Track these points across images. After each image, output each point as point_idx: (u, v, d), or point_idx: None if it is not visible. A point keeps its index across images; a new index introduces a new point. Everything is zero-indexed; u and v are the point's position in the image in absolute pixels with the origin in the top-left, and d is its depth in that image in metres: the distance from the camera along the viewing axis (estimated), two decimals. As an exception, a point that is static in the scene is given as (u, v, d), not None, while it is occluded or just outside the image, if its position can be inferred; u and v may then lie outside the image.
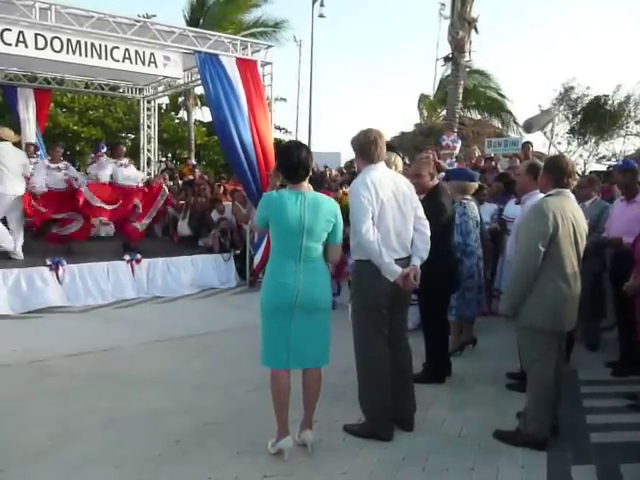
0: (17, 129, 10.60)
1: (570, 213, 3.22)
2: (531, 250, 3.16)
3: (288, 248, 3.03)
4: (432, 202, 4.01)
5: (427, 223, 3.40)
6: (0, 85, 10.87)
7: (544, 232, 3.13)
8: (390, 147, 3.78)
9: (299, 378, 3.15)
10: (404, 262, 3.27)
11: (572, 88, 21.51)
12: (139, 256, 7.26)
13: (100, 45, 6.77)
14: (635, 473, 3.01)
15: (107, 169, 8.28)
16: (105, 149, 8.84)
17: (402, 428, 3.43)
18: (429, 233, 3.38)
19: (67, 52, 6.54)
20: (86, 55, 6.66)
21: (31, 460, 3.05)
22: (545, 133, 14.08)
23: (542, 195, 4.07)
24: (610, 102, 21.43)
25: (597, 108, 21.33)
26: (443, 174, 5.43)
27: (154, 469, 2.98)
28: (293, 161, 3.05)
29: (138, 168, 10.35)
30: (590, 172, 9.36)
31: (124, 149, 8.99)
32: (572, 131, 22.04)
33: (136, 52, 7.04)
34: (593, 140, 22.22)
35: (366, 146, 3.30)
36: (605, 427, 3.58)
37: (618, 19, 43.72)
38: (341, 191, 7.86)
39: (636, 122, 21.60)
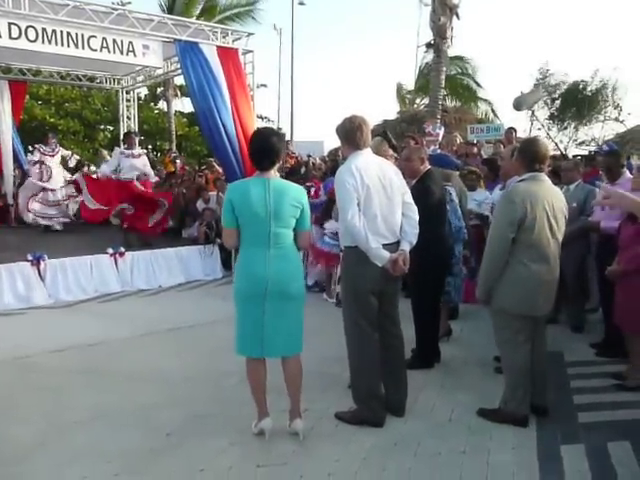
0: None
1: (542, 197, 3.22)
2: (500, 236, 3.24)
3: (256, 235, 3.01)
4: (420, 186, 4.03)
5: (415, 208, 3.40)
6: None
7: (512, 218, 3.18)
8: (387, 139, 3.78)
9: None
10: (393, 247, 3.27)
11: (549, 72, 21.57)
12: (122, 249, 7.16)
13: (77, 34, 6.62)
14: (622, 451, 3.06)
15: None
16: None
17: (393, 414, 3.45)
18: (417, 218, 3.38)
19: (42, 42, 6.39)
20: (62, 44, 6.51)
21: (20, 457, 3.00)
22: (533, 113, 14.14)
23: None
24: (589, 88, 21.59)
25: (576, 93, 21.47)
26: None
27: (146, 463, 2.95)
28: (261, 147, 3.04)
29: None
30: (574, 156, 9.42)
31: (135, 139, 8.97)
32: (552, 117, 22.18)
33: (114, 41, 6.90)
34: (572, 125, 22.38)
35: (351, 132, 3.29)
36: (592, 407, 3.64)
37: (593, 4, 44.02)
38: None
39: (614, 107, 21.80)
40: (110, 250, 7.09)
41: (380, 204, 3.23)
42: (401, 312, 3.58)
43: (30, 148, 16.59)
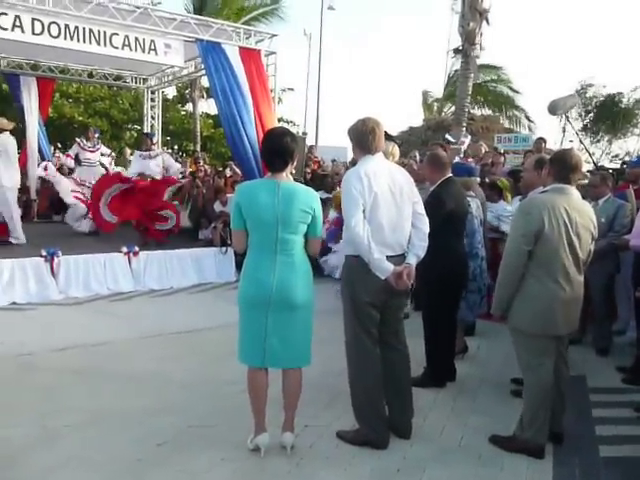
0: (20, 118, 10.54)
1: (564, 210, 2.99)
2: (515, 249, 3.06)
3: (263, 240, 2.86)
4: (433, 195, 3.84)
5: (426, 220, 3.21)
6: (3, 73, 10.77)
7: (527, 230, 3.00)
8: (388, 136, 3.60)
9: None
10: (399, 259, 3.08)
11: (590, 86, 21.06)
12: (136, 248, 7.09)
13: (99, 31, 6.61)
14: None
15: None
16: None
17: (398, 435, 3.24)
18: (427, 230, 3.18)
19: (65, 38, 6.39)
20: (84, 41, 6.51)
21: (7, 463, 2.87)
22: (567, 119, 13.72)
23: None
24: (625, 100, 21.01)
25: (611, 106, 20.92)
26: None
27: (133, 475, 2.81)
28: (272, 147, 2.90)
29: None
30: (599, 167, 9.04)
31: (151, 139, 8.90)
32: (585, 129, 21.64)
33: (136, 39, 6.88)
34: (606, 138, 21.82)
35: (363, 136, 3.11)
36: (615, 439, 3.38)
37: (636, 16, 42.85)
38: (339, 188, 7.67)
39: (650, 121, 21.18)
40: (124, 249, 7.03)
41: (388, 213, 3.04)
42: (413, 327, 3.39)
43: (59, 145, 16.94)
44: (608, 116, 20.89)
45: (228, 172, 10.54)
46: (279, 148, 2.88)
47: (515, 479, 2.90)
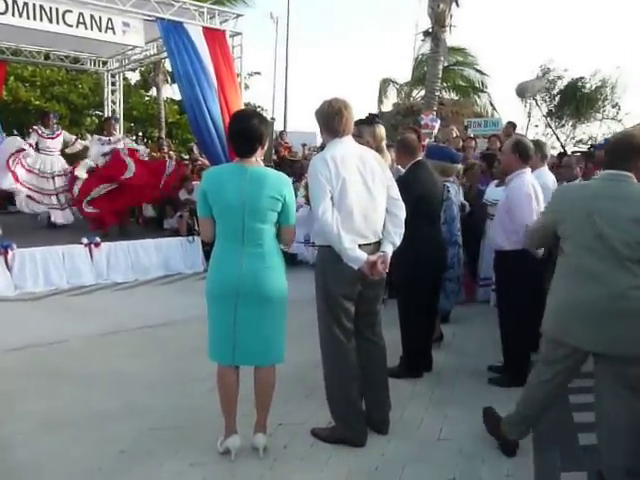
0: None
1: (594, 200, 2.52)
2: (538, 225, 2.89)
3: (230, 229, 2.67)
4: (401, 180, 3.69)
5: (402, 204, 3.04)
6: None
7: (548, 216, 2.78)
8: (373, 117, 3.43)
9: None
10: (373, 248, 2.92)
11: (550, 70, 21.28)
12: (98, 239, 6.77)
13: (50, 8, 6.20)
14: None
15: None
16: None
17: (376, 431, 3.11)
18: (403, 216, 3.02)
19: (13, 14, 5.97)
20: (34, 18, 6.10)
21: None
22: (536, 102, 13.77)
23: (528, 174, 3.79)
24: (588, 85, 21.31)
25: (574, 91, 21.19)
26: None
27: (92, 486, 2.60)
28: (240, 130, 2.70)
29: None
30: (573, 152, 9.10)
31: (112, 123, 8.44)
32: (550, 114, 21.88)
33: (91, 17, 6.49)
34: (570, 123, 22.12)
35: (329, 118, 2.92)
36: (594, 426, 3.31)
37: (596, 3, 43.62)
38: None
39: (612, 106, 21.54)
40: (85, 240, 6.70)
41: (359, 199, 2.86)
42: (388, 315, 3.24)
43: (15, 132, 16.17)
44: (572, 101, 21.16)
45: (196, 152, 10.14)
46: (247, 131, 2.68)
47: (497, 471, 2.81)
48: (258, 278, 2.67)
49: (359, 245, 2.84)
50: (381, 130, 3.85)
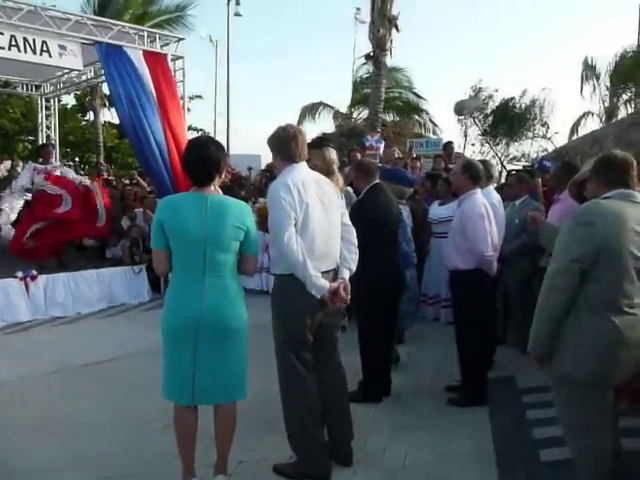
0: None
1: (635, 223, 2.32)
2: (564, 270, 2.32)
3: (189, 261, 2.55)
4: (358, 204, 3.70)
5: (354, 230, 3.03)
6: None
7: (585, 245, 2.30)
8: (324, 140, 3.39)
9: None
10: (332, 275, 2.88)
11: (480, 89, 22.20)
12: (34, 272, 6.39)
13: (-22, 30, 5.88)
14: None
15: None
16: None
17: (339, 463, 3.02)
18: (356, 241, 3.01)
19: (-62, 37, 5.61)
20: (-38, 41, 5.76)
21: None
22: (474, 120, 14.25)
23: (479, 195, 3.86)
24: (518, 105, 22.36)
25: (506, 111, 22.18)
26: None
27: None
28: (197, 158, 2.59)
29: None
30: (520, 170, 9.43)
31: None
32: (485, 132, 22.81)
33: (25, 39, 6.20)
34: (504, 142, 23.10)
35: (284, 144, 2.88)
36: (554, 441, 3.35)
37: (522, 26, 46.18)
38: (262, 199, 7.37)
39: (542, 124, 22.68)
40: (20, 273, 6.30)
41: (320, 225, 2.82)
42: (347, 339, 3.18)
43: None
44: (504, 120, 22.13)
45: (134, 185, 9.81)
46: (205, 159, 2.58)
47: (464, 496, 2.79)
48: (221, 310, 2.56)
49: (321, 272, 2.78)
50: (331, 153, 3.81)
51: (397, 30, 10.61)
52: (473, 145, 22.80)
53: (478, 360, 3.87)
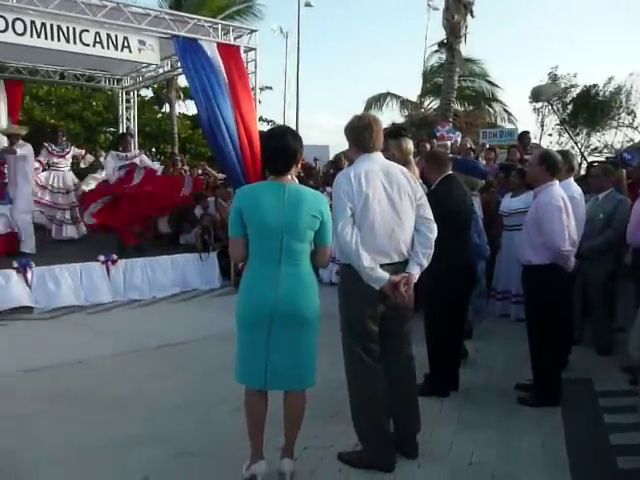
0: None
1: None
2: None
3: (266, 249, 2.59)
4: (431, 195, 3.61)
5: (434, 226, 2.94)
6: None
7: None
8: (402, 130, 3.35)
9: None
10: (398, 268, 2.82)
11: (557, 77, 21.09)
12: (114, 256, 6.75)
13: (68, 28, 6.23)
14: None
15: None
16: None
17: (404, 455, 3.00)
18: (433, 236, 2.92)
19: (31, 35, 6.00)
20: (52, 38, 6.12)
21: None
22: (552, 106, 13.57)
23: (556, 187, 3.68)
24: (601, 93, 21.12)
25: (588, 99, 21.01)
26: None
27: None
28: (276, 148, 2.63)
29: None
30: (603, 161, 8.90)
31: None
32: (563, 122, 21.72)
33: (108, 36, 6.51)
34: (585, 132, 21.91)
35: (359, 133, 2.87)
36: (635, 449, 3.17)
37: (609, 12, 43.34)
38: (329, 189, 7.38)
39: (628, 113, 21.32)
40: (102, 257, 6.68)
41: (382, 217, 2.78)
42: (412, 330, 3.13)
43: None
44: (585, 109, 20.97)
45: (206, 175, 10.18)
46: (283, 149, 2.62)
47: (534, 498, 2.70)
48: (295, 299, 2.60)
49: (381, 265, 2.75)
50: (408, 143, 3.76)
51: (472, 16, 10.26)
52: (550, 135, 21.83)
53: (551, 359, 3.72)
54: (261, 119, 18.38)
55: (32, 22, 5.99)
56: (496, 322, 5.64)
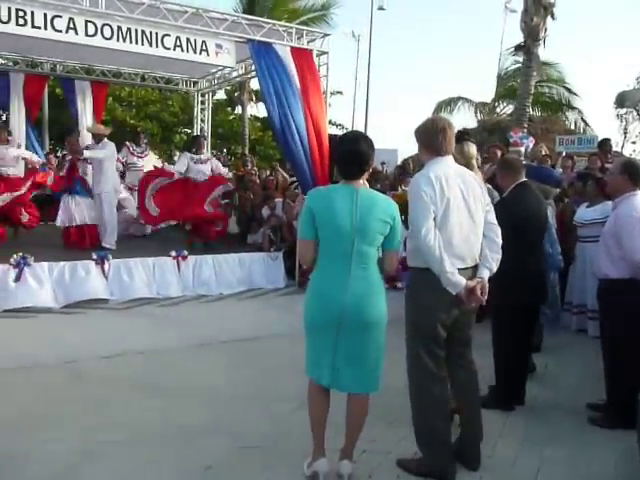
0: (75, 122, 10.71)
1: None
2: None
3: (337, 252, 2.62)
4: (502, 203, 3.52)
5: (499, 230, 2.91)
6: (59, 78, 10.99)
7: None
8: (465, 134, 3.29)
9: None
10: (470, 272, 2.79)
11: None
12: (185, 252, 7.00)
13: (151, 33, 6.57)
14: None
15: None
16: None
17: (465, 466, 2.94)
18: (500, 241, 2.89)
19: (117, 39, 6.36)
20: (136, 42, 6.47)
21: (46, 480, 2.75)
22: (638, 112, 12.71)
23: (639, 197, 3.49)
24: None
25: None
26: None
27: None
28: (349, 152, 2.65)
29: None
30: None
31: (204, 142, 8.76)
32: (649, 130, 20.50)
33: (187, 40, 6.80)
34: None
35: (432, 136, 2.84)
36: None
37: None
38: (400, 189, 7.33)
39: None
40: (173, 253, 6.95)
41: (460, 221, 2.76)
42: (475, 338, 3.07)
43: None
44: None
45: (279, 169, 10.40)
46: (356, 153, 2.64)
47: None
48: (364, 304, 2.61)
49: (457, 269, 2.72)
50: (470, 148, 3.68)
51: (553, 18, 9.84)
52: (634, 143, 20.64)
53: (627, 379, 3.51)
54: (330, 122, 18.49)
55: (119, 27, 6.35)
56: (569, 337, 5.41)
